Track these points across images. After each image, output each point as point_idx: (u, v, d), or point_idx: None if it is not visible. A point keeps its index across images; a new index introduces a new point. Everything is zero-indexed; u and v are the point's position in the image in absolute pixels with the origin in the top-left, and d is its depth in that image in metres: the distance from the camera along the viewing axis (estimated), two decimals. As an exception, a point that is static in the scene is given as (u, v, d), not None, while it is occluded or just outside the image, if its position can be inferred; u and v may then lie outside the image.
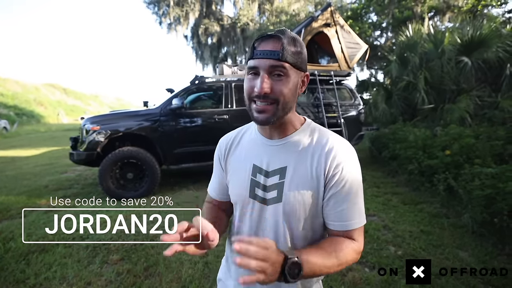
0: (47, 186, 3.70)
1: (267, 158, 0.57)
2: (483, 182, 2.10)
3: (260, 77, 0.51)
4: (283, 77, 0.51)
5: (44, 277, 1.61)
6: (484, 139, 2.90)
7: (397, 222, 2.29)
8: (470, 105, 4.04)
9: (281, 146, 0.57)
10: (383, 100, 5.33)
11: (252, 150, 0.60)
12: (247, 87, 0.53)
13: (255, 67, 0.51)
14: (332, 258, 0.49)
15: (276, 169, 0.56)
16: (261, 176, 0.57)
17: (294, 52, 0.51)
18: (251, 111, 0.54)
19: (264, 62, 0.50)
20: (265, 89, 0.50)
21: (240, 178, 0.60)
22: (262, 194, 0.57)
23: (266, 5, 12.26)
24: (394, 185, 3.41)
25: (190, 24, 12.79)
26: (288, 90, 0.51)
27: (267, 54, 0.50)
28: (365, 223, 0.56)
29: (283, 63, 0.50)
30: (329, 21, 4.23)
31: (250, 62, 0.52)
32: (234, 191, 0.62)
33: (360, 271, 1.63)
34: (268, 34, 0.52)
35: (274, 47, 0.50)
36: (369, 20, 9.22)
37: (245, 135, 0.64)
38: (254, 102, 0.53)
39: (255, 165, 0.58)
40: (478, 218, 1.98)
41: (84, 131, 3.20)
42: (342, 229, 0.53)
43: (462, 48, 4.46)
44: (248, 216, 0.59)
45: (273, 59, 0.50)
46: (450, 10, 8.07)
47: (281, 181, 0.55)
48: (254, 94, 0.52)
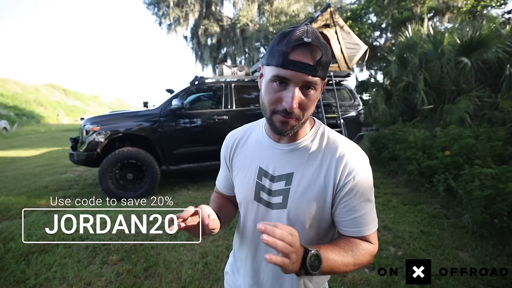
0: (47, 187, 3.69)
1: (273, 162, 0.56)
2: (483, 183, 2.10)
3: (291, 92, 0.46)
4: (312, 91, 0.48)
5: (44, 277, 1.61)
6: (484, 139, 2.91)
7: (397, 223, 2.29)
8: (469, 106, 4.05)
9: (289, 151, 0.55)
10: (382, 101, 5.34)
11: (258, 152, 0.58)
12: (272, 98, 0.48)
13: (287, 79, 0.46)
14: (349, 257, 0.48)
15: (282, 175, 0.55)
16: (267, 180, 0.56)
17: (326, 64, 0.47)
18: (272, 121, 0.50)
19: (298, 77, 0.45)
20: (295, 108, 0.47)
21: (245, 179, 0.59)
22: (267, 198, 0.56)
23: (266, 6, 12.28)
24: (394, 185, 3.41)
25: (190, 24, 12.82)
26: (313, 105, 0.50)
27: (303, 67, 0.45)
28: (377, 226, 0.55)
29: (318, 78, 0.47)
30: (328, 21, 4.24)
31: (281, 71, 0.46)
32: (239, 191, 0.62)
33: (359, 272, 1.63)
34: (304, 42, 0.45)
35: (311, 60, 0.45)
36: (368, 20, 9.24)
37: (252, 135, 0.62)
38: (277, 113, 0.49)
39: (261, 168, 0.57)
40: (478, 219, 1.98)
41: (84, 131, 3.21)
42: (357, 235, 0.53)
43: (462, 49, 4.47)
44: (253, 217, 0.59)
45: (309, 74, 0.45)
46: (450, 10, 8.08)
47: (287, 187, 0.54)
48: (281, 108, 0.48)
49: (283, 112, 0.48)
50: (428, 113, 4.61)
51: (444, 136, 3.33)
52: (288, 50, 0.45)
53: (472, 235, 2.01)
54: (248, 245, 0.61)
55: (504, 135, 2.91)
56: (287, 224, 0.52)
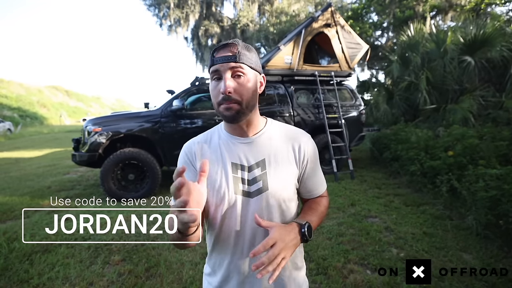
0: (50, 187, 3.72)
1: (243, 154, 0.62)
2: (487, 184, 2.07)
3: (223, 79, 0.56)
4: (243, 76, 0.57)
5: (47, 277, 1.63)
6: (488, 139, 2.87)
7: (399, 224, 2.27)
8: (473, 105, 4.00)
9: (253, 142, 0.63)
10: (384, 101, 5.30)
11: (225, 150, 0.63)
12: (213, 93, 0.59)
13: (217, 70, 0.57)
14: (320, 214, 0.66)
15: (257, 162, 0.62)
16: (242, 172, 0.62)
17: (249, 56, 0.59)
18: (220, 112, 0.59)
19: (223, 66, 0.57)
20: (229, 88, 0.55)
21: (220, 178, 0.61)
22: (246, 188, 0.61)
23: (266, 6, 12.27)
24: (396, 186, 3.38)
25: (190, 25, 12.84)
26: (248, 89, 0.58)
27: (226, 58, 0.57)
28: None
29: (241, 64, 0.57)
30: (329, 21, 4.22)
31: (212, 68, 0.58)
32: (215, 192, 0.62)
33: (361, 273, 1.62)
34: (223, 43, 0.59)
35: (231, 52, 0.58)
36: (369, 20, 9.19)
37: (213, 139, 0.66)
38: (220, 104, 0.57)
39: (233, 163, 0.62)
40: (483, 220, 1.96)
41: (86, 132, 3.23)
42: (318, 194, 0.69)
43: (465, 48, 4.42)
44: (234, 211, 0.61)
45: (232, 61, 0.57)
46: (453, 9, 8.00)
47: (263, 171, 0.61)
48: (220, 96, 0.57)
49: (223, 98, 0.56)
50: (430, 113, 4.57)
51: (447, 136, 3.29)
52: (214, 53, 0.59)
53: (476, 236, 1.98)
54: (231, 242, 0.62)
55: (508, 135, 2.87)
56: (268, 206, 0.61)
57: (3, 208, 2.79)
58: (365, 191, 3.21)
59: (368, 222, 2.33)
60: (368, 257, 1.77)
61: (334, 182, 3.59)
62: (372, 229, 2.17)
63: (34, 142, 10.36)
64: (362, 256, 1.79)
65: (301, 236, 0.57)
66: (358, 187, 3.37)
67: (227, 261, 0.63)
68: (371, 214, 2.52)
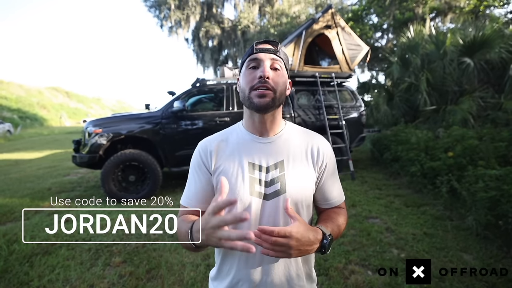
0: (50, 189, 3.72)
1: (262, 155, 0.61)
2: (487, 184, 2.08)
3: (262, 66, 0.58)
4: (279, 71, 0.59)
5: (48, 279, 1.62)
6: (488, 140, 2.88)
7: (399, 225, 2.27)
8: (473, 107, 4.01)
9: (273, 142, 0.62)
10: (384, 102, 5.31)
11: (244, 149, 0.62)
12: (248, 78, 0.59)
13: (257, 59, 0.59)
14: (340, 225, 0.62)
15: (276, 163, 0.60)
16: (259, 172, 0.60)
17: (286, 57, 0.62)
18: (251, 98, 0.58)
19: (265, 55, 0.59)
20: (267, 73, 0.56)
21: (236, 177, 0.59)
22: (263, 190, 0.59)
23: (267, 8, 12.32)
24: (396, 187, 3.38)
25: (191, 27, 12.87)
26: (283, 82, 0.59)
27: (267, 50, 0.59)
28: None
29: (280, 58, 0.60)
30: (330, 23, 4.24)
31: (252, 56, 0.59)
32: (229, 192, 0.59)
33: (363, 274, 1.62)
34: (266, 40, 0.62)
35: (272, 46, 0.60)
36: (370, 21, 9.22)
37: (231, 137, 0.65)
38: (254, 89, 0.57)
39: (250, 162, 0.60)
40: (482, 221, 1.96)
41: (87, 134, 3.23)
42: (338, 204, 0.66)
43: (464, 49, 4.44)
44: (250, 213, 0.59)
45: (273, 53, 0.59)
46: (452, 11, 8.04)
47: (281, 173, 0.60)
48: (256, 80, 0.57)
49: (260, 82, 0.56)
50: (430, 114, 4.58)
51: (447, 137, 3.30)
52: (254, 45, 0.61)
53: (476, 237, 1.99)
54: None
55: (508, 136, 2.88)
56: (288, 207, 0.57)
57: (3, 210, 2.79)
58: (366, 192, 3.21)
59: (369, 223, 2.33)
60: (369, 258, 1.77)
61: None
62: (373, 230, 2.17)
63: (34, 144, 10.35)
64: (363, 257, 1.80)
65: (320, 245, 0.53)
66: (358, 188, 3.37)
67: (236, 267, 0.59)
68: (371, 215, 2.52)
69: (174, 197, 3.25)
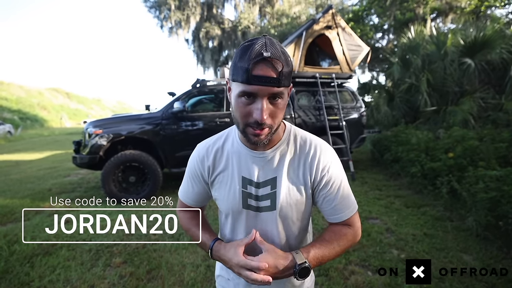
0: (50, 190, 3.73)
1: (256, 170, 0.59)
2: (487, 185, 2.08)
3: (260, 105, 0.48)
4: (279, 99, 0.50)
5: (48, 279, 1.63)
6: (488, 141, 2.88)
7: (400, 225, 2.27)
8: (473, 107, 4.01)
9: (268, 157, 0.59)
10: (385, 103, 5.32)
11: (238, 162, 0.60)
12: (242, 112, 0.50)
13: (253, 93, 0.48)
14: (335, 247, 0.57)
15: (266, 180, 0.58)
16: (252, 187, 0.59)
17: (289, 73, 0.49)
18: (246, 134, 0.52)
19: (263, 90, 0.47)
20: (265, 119, 0.48)
21: (230, 190, 0.60)
22: (255, 203, 0.60)
23: (267, 8, 12.33)
24: (397, 188, 3.38)
25: (191, 27, 12.90)
26: (282, 112, 0.52)
27: (267, 81, 0.46)
28: (357, 208, 0.62)
29: (283, 88, 0.49)
30: (330, 23, 4.25)
31: (246, 87, 0.47)
32: (224, 203, 0.62)
33: (363, 275, 1.62)
34: (264, 58, 0.46)
35: (274, 72, 0.47)
36: (370, 22, 9.23)
37: (226, 145, 0.62)
38: (249, 126, 0.51)
39: (244, 177, 0.59)
40: (483, 221, 1.96)
41: (87, 135, 3.23)
42: (339, 221, 0.60)
43: (465, 50, 4.44)
44: (244, 225, 0.61)
45: (273, 86, 0.47)
46: (453, 11, 8.03)
47: (273, 191, 0.58)
48: (252, 121, 0.50)
49: (255, 124, 0.49)
50: (431, 115, 4.58)
51: (447, 138, 3.30)
52: (250, 67, 0.46)
53: (476, 237, 1.99)
54: None
55: (508, 136, 2.88)
56: (278, 224, 0.60)
57: (3, 211, 2.79)
58: (366, 193, 3.21)
59: (369, 224, 2.33)
60: (369, 259, 1.77)
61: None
62: (373, 230, 2.17)
63: (35, 145, 10.37)
64: (363, 257, 1.80)
65: (292, 272, 0.53)
66: (359, 189, 3.37)
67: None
68: (372, 215, 2.52)
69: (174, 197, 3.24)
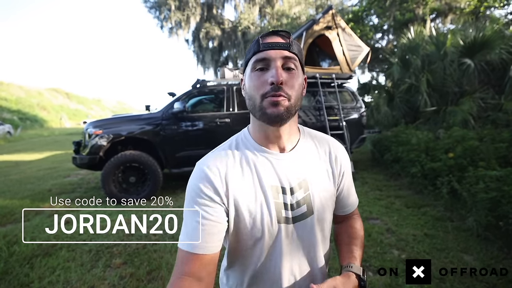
0: (50, 190, 3.72)
1: (284, 174, 0.52)
2: (487, 185, 2.08)
3: (274, 68, 0.46)
4: (294, 71, 0.48)
5: (48, 280, 1.62)
6: (488, 141, 2.88)
7: (400, 226, 2.27)
8: (473, 107, 4.01)
9: (293, 157, 0.53)
10: (385, 103, 5.32)
11: (261, 169, 0.51)
12: (256, 84, 0.47)
13: (266, 58, 0.47)
14: (363, 241, 0.61)
15: (299, 183, 0.52)
16: (284, 196, 0.51)
17: (300, 50, 0.50)
18: (263, 108, 0.47)
19: (276, 53, 0.47)
20: (281, 77, 0.45)
21: (259, 206, 0.50)
22: (290, 214, 0.51)
23: (267, 9, 12.35)
24: (397, 188, 3.38)
25: (191, 28, 12.91)
26: (299, 85, 0.49)
27: (278, 45, 0.47)
28: None
29: (294, 55, 0.48)
30: (330, 24, 4.25)
31: (259, 54, 0.47)
32: (252, 226, 0.50)
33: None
34: (274, 31, 0.50)
35: (283, 39, 0.48)
36: (370, 22, 9.24)
37: (240, 153, 0.52)
38: (266, 97, 0.47)
39: (273, 186, 0.50)
40: (483, 222, 1.96)
41: (87, 135, 3.23)
42: (351, 211, 0.63)
43: (465, 50, 4.45)
44: (279, 245, 0.51)
45: (285, 49, 0.47)
46: (452, 12, 8.05)
47: (306, 193, 0.53)
48: (268, 89, 0.46)
49: (272, 89, 0.46)
50: (431, 115, 4.59)
51: (447, 138, 3.30)
52: (260, 40, 0.49)
53: (477, 238, 1.99)
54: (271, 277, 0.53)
55: (508, 136, 2.88)
56: (315, 230, 0.54)
57: (3, 211, 2.79)
58: (366, 193, 3.21)
59: (370, 224, 2.33)
60: (369, 259, 1.77)
61: (335, 184, 3.60)
62: (373, 231, 2.17)
63: (34, 145, 10.36)
64: (364, 258, 1.76)
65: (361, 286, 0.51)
66: (359, 189, 3.37)
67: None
68: (372, 216, 2.52)
69: (174, 197, 3.26)
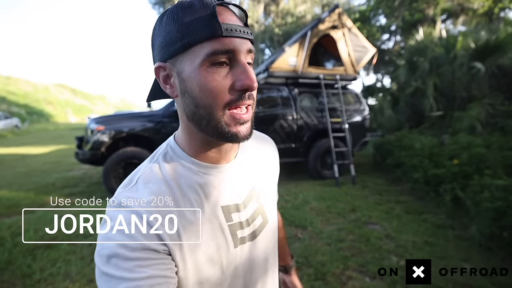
0: (54, 184, 3.79)
1: (231, 189, 0.42)
2: (493, 194, 2.03)
3: (242, 67, 0.33)
4: (251, 66, 0.36)
5: (49, 272, 1.65)
6: (496, 149, 2.81)
7: (399, 232, 2.24)
8: (481, 113, 3.92)
9: (237, 166, 0.44)
10: (389, 106, 5.25)
11: (209, 192, 0.40)
12: (219, 88, 0.33)
13: (230, 50, 0.32)
14: (285, 233, 0.67)
15: (249, 194, 0.45)
16: (238, 214, 0.42)
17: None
18: (222, 126, 0.35)
19: (242, 45, 0.33)
20: (255, 82, 0.33)
21: (213, 236, 0.39)
22: (246, 232, 0.44)
23: (272, 7, 12.26)
24: (398, 193, 3.33)
25: (197, 25, 12.89)
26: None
27: (241, 31, 0.33)
28: None
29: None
30: (336, 23, 4.18)
31: (218, 43, 0.32)
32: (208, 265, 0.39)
33: (360, 280, 1.60)
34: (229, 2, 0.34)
35: (241, 22, 0.34)
36: (377, 23, 9.10)
37: (171, 180, 0.39)
38: (235, 107, 0.35)
39: (223, 206, 0.41)
40: (486, 231, 1.92)
41: (89, 131, 3.27)
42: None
43: (476, 53, 4.33)
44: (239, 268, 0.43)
45: (249, 39, 0.34)
46: (464, 13, 7.84)
47: (258, 203, 0.46)
48: (235, 96, 0.34)
49: (241, 98, 0.34)
50: (436, 120, 4.50)
51: (453, 144, 3.24)
52: (215, 12, 0.31)
53: (479, 247, 1.95)
54: None
55: (516, 144, 2.80)
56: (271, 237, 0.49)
57: (9, 203, 2.86)
58: (366, 197, 3.17)
59: (369, 229, 2.30)
60: (367, 264, 1.75)
61: (335, 187, 3.56)
62: (372, 236, 2.14)
63: (40, 139, 10.55)
64: (362, 263, 1.78)
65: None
66: (359, 193, 3.33)
67: None
68: (371, 220, 2.49)
69: (174, 196, 3.26)
